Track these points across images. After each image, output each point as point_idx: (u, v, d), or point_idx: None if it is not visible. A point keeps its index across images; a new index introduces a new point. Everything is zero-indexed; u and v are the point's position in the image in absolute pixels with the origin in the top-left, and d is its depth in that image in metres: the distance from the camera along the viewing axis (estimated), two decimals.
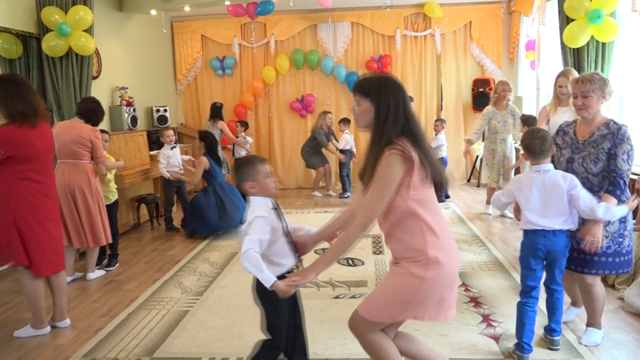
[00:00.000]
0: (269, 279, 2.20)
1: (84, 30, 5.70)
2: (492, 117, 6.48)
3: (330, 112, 8.28)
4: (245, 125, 8.05)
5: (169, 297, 4.19)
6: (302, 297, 4.06)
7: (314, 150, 8.26)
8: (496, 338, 3.28)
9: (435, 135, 7.68)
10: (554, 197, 2.86)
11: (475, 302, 3.87)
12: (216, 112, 7.61)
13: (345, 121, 8.27)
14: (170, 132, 6.43)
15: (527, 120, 5.94)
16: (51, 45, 5.55)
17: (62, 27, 5.48)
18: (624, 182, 2.89)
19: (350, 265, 4.82)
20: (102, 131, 5.10)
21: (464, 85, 9.00)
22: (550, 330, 3.09)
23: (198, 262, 5.13)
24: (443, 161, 7.84)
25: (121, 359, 3.18)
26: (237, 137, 7.84)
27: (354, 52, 9.07)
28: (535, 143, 2.89)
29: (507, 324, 3.44)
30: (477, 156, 8.84)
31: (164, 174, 6.25)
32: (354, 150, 8.45)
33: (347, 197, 8.20)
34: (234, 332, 3.50)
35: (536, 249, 2.90)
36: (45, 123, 3.43)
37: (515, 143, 6.56)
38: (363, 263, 4.87)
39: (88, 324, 3.73)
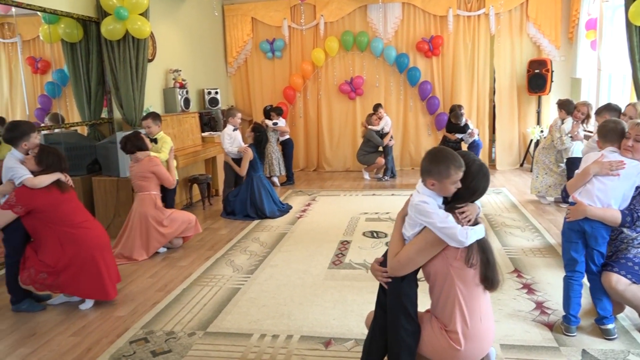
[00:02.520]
0: (481, 228, 2.25)
1: (140, 14, 5.84)
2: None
3: (375, 113, 8.20)
4: (278, 111, 8.13)
5: (221, 275, 4.32)
6: (351, 278, 4.12)
7: (367, 151, 8.27)
8: (550, 325, 3.21)
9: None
10: (618, 182, 2.90)
11: (529, 288, 3.79)
12: (267, 115, 8.13)
13: (378, 106, 8.26)
14: (240, 114, 6.59)
15: (563, 105, 5.88)
16: (109, 29, 5.73)
17: (119, 10, 5.65)
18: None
19: None
20: (148, 117, 5.28)
21: (518, 67, 8.70)
22: (600, 320, 3.03)
23: (248, 242, 5.24)
24: (475, 144, 7.69)
25: (177, 332, 3.31)
26: (274, 123, 8.00)
27: (405, 33, 8.92)
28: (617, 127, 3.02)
29: (562, 312, 3.36)
30: (531, 140, 8.58)
31: (230, 153, 6.32)
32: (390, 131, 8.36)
33: (386, 180, 8.20)
34: (284, 310, 3.58)
35: (575, 222, 2.97)
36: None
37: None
38: None
39: (145, 298, 3.90)
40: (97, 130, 6.12)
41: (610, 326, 3.01)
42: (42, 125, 5.43)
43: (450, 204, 2.29)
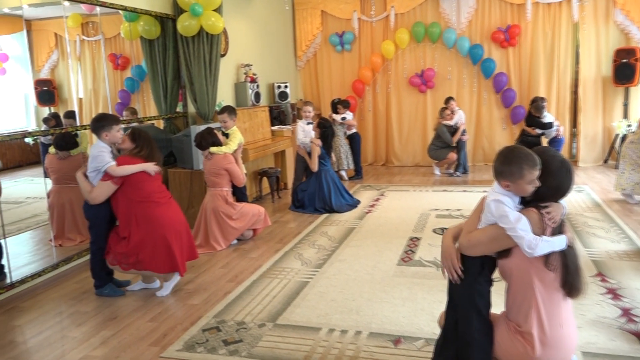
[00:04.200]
0: (561, 240, 2.15)
1: (214, 10, 6.01)
2: None
3: (447, 107, 8.00)
4: (345, 104, 8.09)
5: (290, 268, 4.38)
6: (421, 275, 4.06)
7: (438, 146, 8.11)
8: (638, 334, 3.01)
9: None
10: None
11: (614, 294, 3.57)
12: (334, 108, 8.13)
13: (450, 99, 8.06)
14: (310, 107, 6.67)
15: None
16: (185, 25, 5.93)
17: (194, 7, 5.83)
18: None
19: None
20: (224, 111, 5.37)
21: (604, 56, 8.19)
22: None
23: (317, 236, 5.28)
24: (557, 139, 7.31)
25: (247, 322, 3.39)
26: (343, 118, 7.95)
27: (479, 23, 8.63)
28: None
29: None
30: (617, 134, 8.07)
31: (304, 144, 6.39)
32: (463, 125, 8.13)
33: (457, 176, 8.01)
34: (352, 305, 3.57)
35: None
36: None
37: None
38: None
39: (217, 287, 4.02)
40: (173, 124, 6.37)
41: None
42: (122, 118, 5.72)
43: (533, 202, 2.19)
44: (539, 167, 2.12)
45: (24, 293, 4.09)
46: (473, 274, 2.25)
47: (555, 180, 2.16)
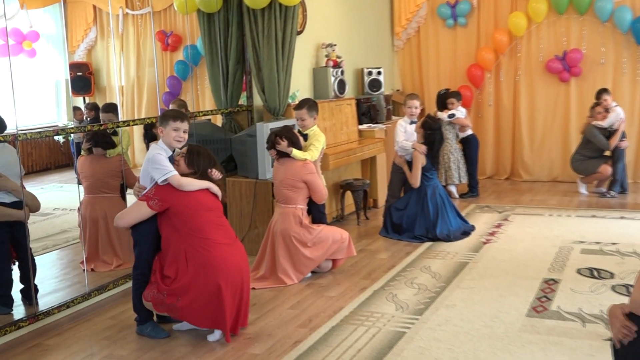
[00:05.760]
0: None
1: None
2: None
3: (598, 103, 7.72)
4: (456, 96, 8.02)
5: (380, 313, 4.37)
6: (560, 332, 3.92)
7: (587, 156, 7.89)
8: None
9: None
10: None
11: None
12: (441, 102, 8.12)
13: (603, 91, 7.81)
14: (417, 102, 6.59)
15: None
16: None
17: None
18: None
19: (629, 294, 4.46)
20: (303, 106, 5.43)
21: None
22: None
23: (416, 271, 5.25)
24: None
25: None
26: (450, 116, 7.91)
27: None
28: None
29: None
30: None
31: (404, 149, 6.36)
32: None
33: (612, 196, 7.77)
34: None
35: None
36: None
37: None
38: None
39: (285, 334, 4.09)
40: (234, 120, 6.57)
41: None
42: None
43: None
44: None
45: (49, 328, 4.34)
46: None
47: None
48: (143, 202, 3.91)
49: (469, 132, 8.16)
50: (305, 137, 5.39)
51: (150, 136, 5.63)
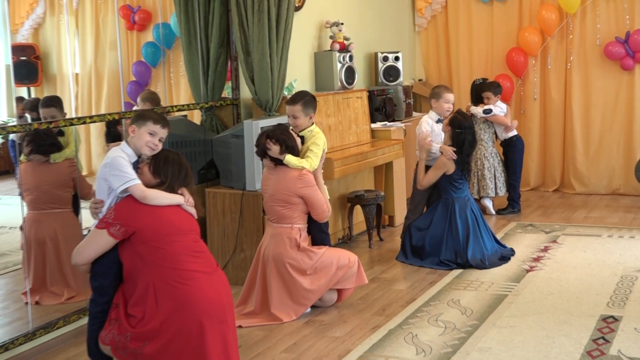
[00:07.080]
0: None
1: None
2: None
3: None
4: (494, 89, 8.06)
5: (397, 358, 4.37)
6: None
7: None
8: None
9: None
10: None
11: None
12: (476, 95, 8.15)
13: None
14: (451, 96, 6.62)
15: None
16: None
17: None
18: None
19: None
20: (297, 101, 5.43)
21: None
22: None
23: (441, 306, 5.26)
24: None
25: None
26: (486, 111, 7.92)
27: None
28: None
29: None
30: None
31: (430, 153, 6.41)
32: None
33: None
34: None
35: None
36: None
37: None
38: None
39: None
40: (216, 117, 6.60)
41: None
42: (135, 109, 5.97)
43: None
44: None
45: None
46: None
47: None
48: (102, 229, 3.78)
49: (513, 132, 8.17)
50: (302, 139, 5.33)
51: (113, 135, 5.64)
